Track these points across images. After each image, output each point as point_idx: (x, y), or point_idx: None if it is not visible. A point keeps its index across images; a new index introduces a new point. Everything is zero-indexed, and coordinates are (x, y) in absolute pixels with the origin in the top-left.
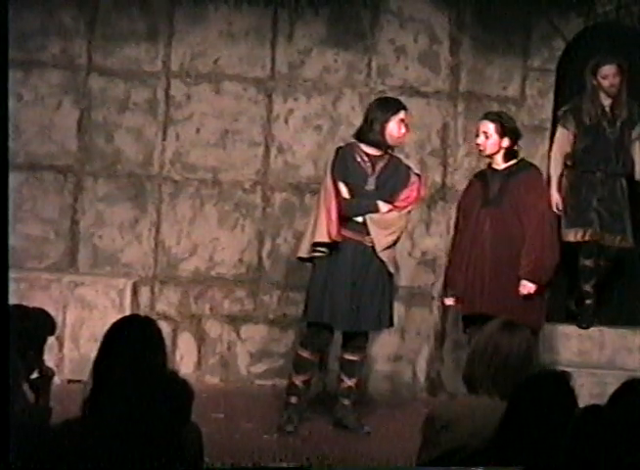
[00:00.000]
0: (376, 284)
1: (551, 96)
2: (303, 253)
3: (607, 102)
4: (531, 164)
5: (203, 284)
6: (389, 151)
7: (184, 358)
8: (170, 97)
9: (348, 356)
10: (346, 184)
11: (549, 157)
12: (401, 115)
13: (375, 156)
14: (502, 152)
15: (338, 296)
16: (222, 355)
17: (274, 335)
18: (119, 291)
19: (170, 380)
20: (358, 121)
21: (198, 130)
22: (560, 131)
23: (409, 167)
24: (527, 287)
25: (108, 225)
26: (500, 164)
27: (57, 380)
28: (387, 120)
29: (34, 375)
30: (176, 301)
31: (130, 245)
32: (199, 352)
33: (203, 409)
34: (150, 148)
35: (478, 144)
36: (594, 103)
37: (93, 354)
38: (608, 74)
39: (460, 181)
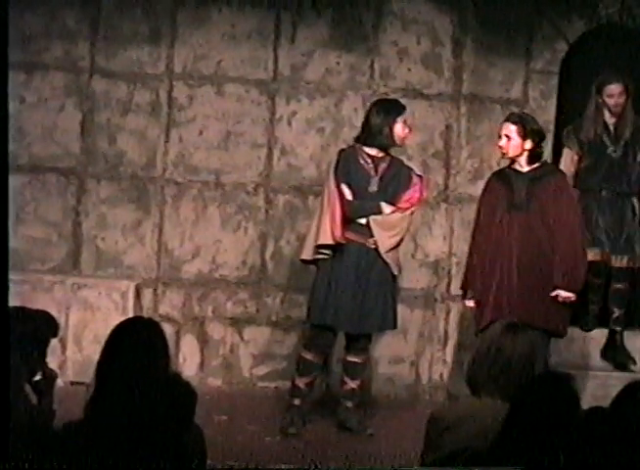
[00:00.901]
0: (379, 286)
1: (554, 98)
2: (307, 255)
3: (611, 120)
4: (557, 169)
5: (205, 286)
6: (390, 152)
7: (187, 360)
8: (173, 99)
9: (351, 358)
10: (349, 186)
11: (554, 161)
12: (404, 115)
13: (377, 157)
14: (526, 154)
15: (341, 298)
16: (225, 358)
17: (277, 337)
18: (122, 293)
19: (173, 382)
20: (361, 123)
21: (200, 132)
22: (565, 152)
23: (411, 169)
24: (566, 296)
25: (110, 227)
26: (524, 166)
27: (60, 382)
28: (394, 122)
29: (37, 377)
30: (179, 303)
31: (133, 247)
32: (201, 354)
33: (205, 411)
34: (152, 150)
35: (500, 146)
36: (597, 121)
37: (96, 356)
38: (613, 93)
39: (463, 183)
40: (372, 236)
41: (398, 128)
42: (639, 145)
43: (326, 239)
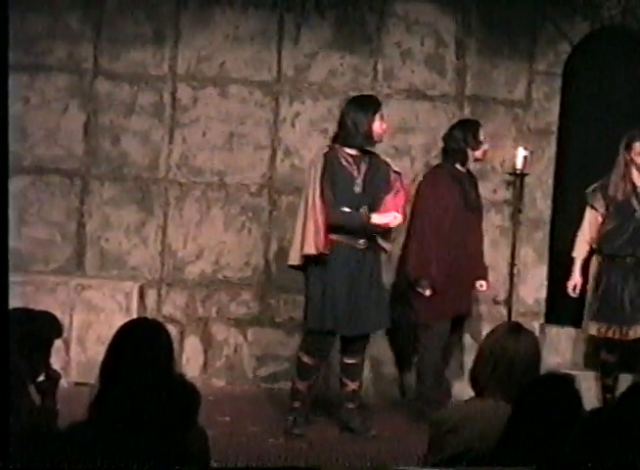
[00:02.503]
0: (371, 285)
1: (557, 100)
2: (294, 261)
3: None
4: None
5: (209, 287)
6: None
7: (190, 361)
8: (177, 100)
9: (349, 360)
10: (334, 189)
11: (556, 167)
12: (381, 111)
13: (358, 156)
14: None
15: (336, 301)
16: (228, 358)
17: (280, 338)
18: (126, 294)
19: (177, 383)
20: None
21: (204, 134)
22: (588, 211)
23: (388, 164)
24: (486, 284)
25: (114, 228)
26: (464, 167)
27: (63, 383)
28: (372, 120)
29: (41, 378)
30: (183, 304)
31: (137, 248)
32: (205, 355)
33: (209, 412)
34: (156, 151)
35: None
36: (625, 180)
37: (100, 357)
38: None
39: None
40: (362, 238)
41: (377, 125)
42: None
43: (310, 249)
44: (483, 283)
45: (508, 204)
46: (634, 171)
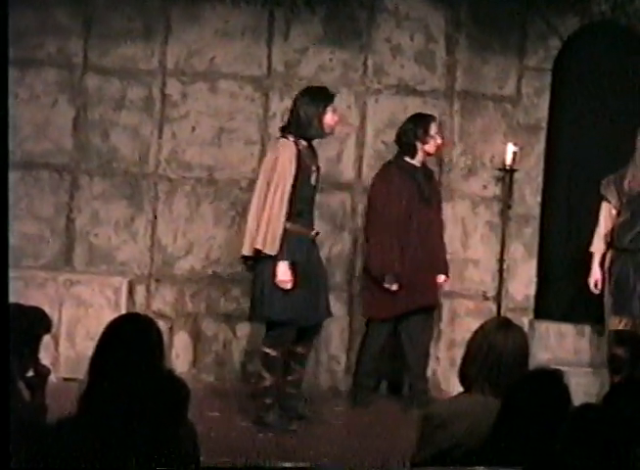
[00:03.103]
0: (319, 275)
1: (547, 95)
2: (246, 251)
3: None
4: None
5: (199, 283)
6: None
7: (180, 357)
8: (166, 95)
9: (300, 350)
10: (298, 182)
11: (545, 163)
12: (334, 103)
13: (310, 148)
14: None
15: (294, 291)
16: (218, 354)
17: None
18: (115, 289)
19: (167, 378)
20: (354, 120)
21: (194, 129)
22: (603, 206)
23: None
24: (445, 279)
25: (104, 224)
26: (420, 161)
27: (52, 378)
28: (324, 112)
29: (30, 373)
30: (172, 299)
31: (126, 243)
32: (194, 350)
33: (198, 408)
34: (146, 146)
35: None
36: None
37: (89, 353)
38: None
39: (456, 180)
40: (313, 228)
41: (328, 117)
42: None
43: (267, 250)
44: (442, 277)
45: (497, 199)
46: None
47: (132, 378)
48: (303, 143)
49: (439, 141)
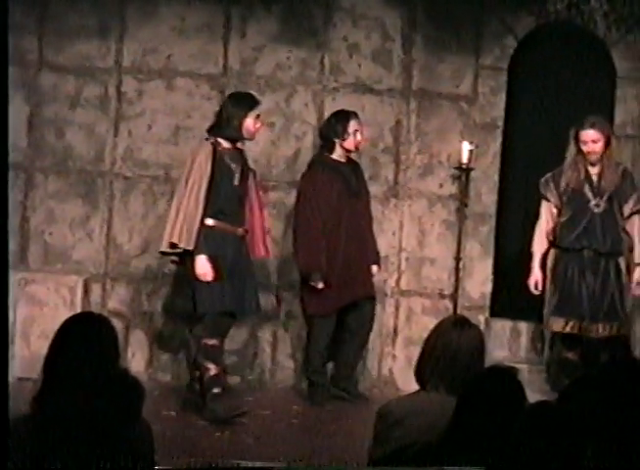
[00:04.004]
0: (249, 272)
1: (503, 94)
2: (165, 247)
3: (594, 170)
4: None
5: (155, 281)
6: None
7: (136, 356)
8: (122, 93)
9: (212, 342)
10: (216, 182)
11: (501, 161)
12: (257, 110)
13: (233, 149)
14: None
15: (224, 284)
16: (174, 353)
17: None
18: (70, 288)
19: (121, 377)
20: (312, 119)
21: (150, 127)
22: (543, 204)
23: (246, 158)
24: (376, 270)
25: (59, 222)
26: (343, 157)
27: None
28: (244, 116)
29: None
30: (128, 298)
31: (81, 242)
32: (150, 349)
33: (154, 407)
34: (101, 144)
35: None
36: (577, 170)
37: (43, 352)
38: (587, 140)
39: (412, 179)
40: (242, 225)
41: (249, 122)
42: (624, 199)
43: (182, 244)
44: (374, 267)
45: (454, 198)
46: (584, 160)
47: (87, 377)
48: (225, 144)
49: (359, 138)
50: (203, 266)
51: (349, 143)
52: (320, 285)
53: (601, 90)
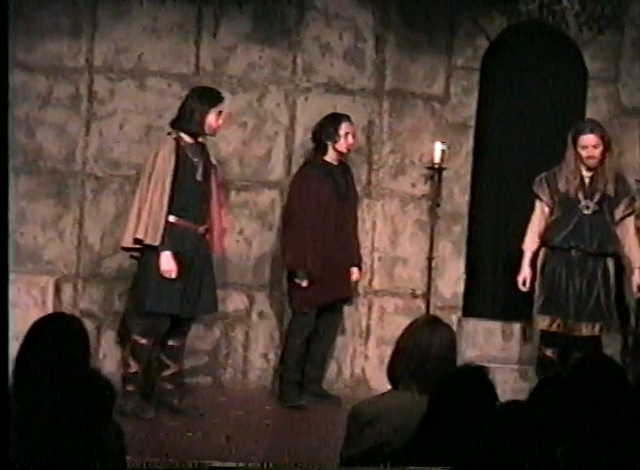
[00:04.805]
0: (207, 270)
1: (475, 94)
2: (127, 243)
3: (587, 174)
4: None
5: (126, 281)
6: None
7: (107, 357)
8: (93, 93)
9: (173, 343)
10: (179, 177)
11: (474, 161)
12: (220, 106)
13: (195, 144)
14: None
15: (174, 284)
16: None
17: (199, 333)
18: (42, 289)
19: (93, 378)
20: (284, 118)
21: (121, 126)
22: (536, 204)
23: (209, 153)
24: (358, 272)
25: (30, 222)
26: (335, 160)
27: None
28: (206, 112)
29: None
30: (100, 298)
31: (53, 242)
32: (122, 350)
33: None
34: (72, 144)
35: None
36: (572, 173)
37: (14, 353)
38: (587, 145)
39: (385, 179)
40: (203, 224)
41: (211, 118)
42: (615, 202)
43: (148, 240)
44: (355, 270)
45: (426, 198)
46: (582, 166)
47: (57, 378)
48: (187, 139)
49: (351, 141)
50: (168, 263)
51: (341, 145)
52: (304, 283)
53: (572, 90)
